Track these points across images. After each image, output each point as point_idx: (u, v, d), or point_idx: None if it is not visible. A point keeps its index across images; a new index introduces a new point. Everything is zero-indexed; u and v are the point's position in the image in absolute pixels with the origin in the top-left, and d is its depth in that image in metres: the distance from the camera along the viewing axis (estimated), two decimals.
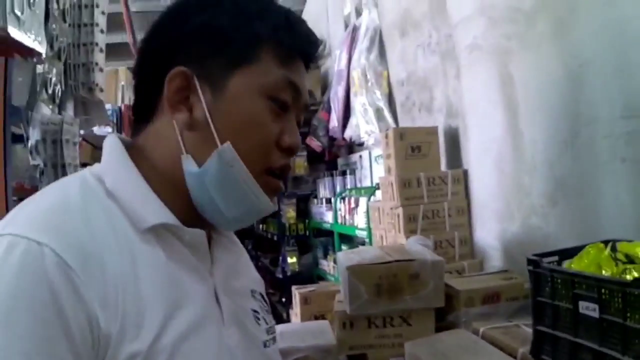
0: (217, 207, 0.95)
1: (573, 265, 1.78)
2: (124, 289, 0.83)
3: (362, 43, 4.64)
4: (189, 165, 0.94)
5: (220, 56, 0.96)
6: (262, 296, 1.16)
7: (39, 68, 2.75)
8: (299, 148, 1.03)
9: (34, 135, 2.52)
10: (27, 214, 0.86)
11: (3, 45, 1.99)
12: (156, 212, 0.93)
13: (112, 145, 0.99)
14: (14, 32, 1.96)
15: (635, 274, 1.60)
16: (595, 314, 1.58)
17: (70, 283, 0.78)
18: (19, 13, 1.99)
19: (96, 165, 0.98)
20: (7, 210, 2.14)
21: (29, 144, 2.52)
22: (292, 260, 6.24)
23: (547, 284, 1.78)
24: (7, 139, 2.23)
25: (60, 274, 0.78)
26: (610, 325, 1.52)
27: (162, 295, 0.88)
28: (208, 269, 1.00)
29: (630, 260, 1.70)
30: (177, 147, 0.96)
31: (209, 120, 0.94)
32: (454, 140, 3.40)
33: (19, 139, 2.53)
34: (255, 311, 1.09)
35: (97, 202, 0.90)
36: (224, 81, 0.95)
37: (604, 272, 1.69)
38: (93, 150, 3.97)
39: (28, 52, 2.21)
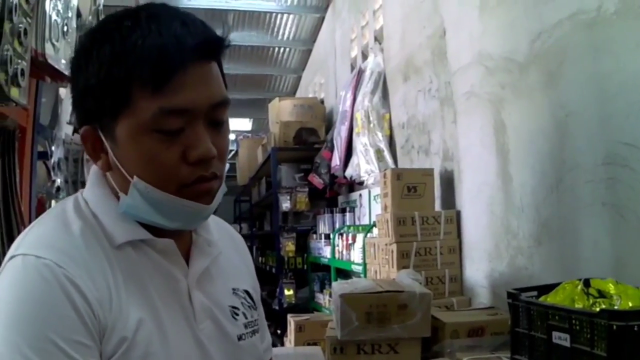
0: (159, 223, 1.08)
1: (549, 299, 1.91)
2: (111, 292, 1.00)
3: (367, 86, 4.80)
4: (122, 201, 1.08)
5: (103, 110, 1.02)
6: (247, 292, 1.28)
7: (62, 91, 2.92)
8: (209, 154, 1.03)
9: (57, 153, 2.68)
10: (34, 236, 1.03)
11: (37, 68, 2.16)
12: (125, 231, 1.06)
13: (93, 174, 1.15)
14: (50, 57, 2.14)
15: (604, 307, 1.73)
16: (567, 344, 1.70)
17: (75, 286, 0.96)
18: (54, 41, 2.18)
19: (85, 189, 1.15)
20: (30, 218, 2.30)
21: (52, 161, 2.68)
22: (288, 292, 6.30)
23: (524, 316, 1.90)
24: (34, 155, 2.40)
25: (66, 279, 0.95)
26: (580, 353, 1.64)
27: (138, 297, 1.03)
28: (183, 271, 1.13)
29: (601, 295, 1.82)
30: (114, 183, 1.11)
31: (117, 163, 1.05)
32: (448, 182, 3.54)
33: (42, 155, 2.69)
34: (234, 307, 1.21)
35: (86, 222, 1.06)
36: (114, 131, 1.03)
37: (576, 305, 1.81)
38: None
39: (59, 77, 2.38)
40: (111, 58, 1.00)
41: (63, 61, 2.32)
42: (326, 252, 5.65)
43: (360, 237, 4.55)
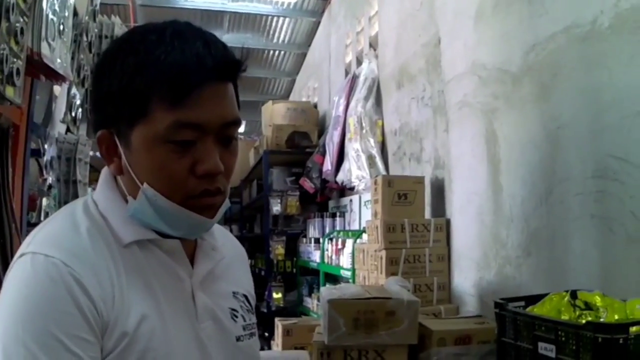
0: (163, 230, 1.13)
1: (536, 310, 1.92)
2: (114, 290, 1.04)
3: (360, 92, 4.81)
4: (130, 205, 1.12)
5: (121, 117, 1.07)
6: (246, 297, 1.32)
7: (56, 89, 2.92)
8: (215, 169, 1.08)
9: (50, 152, 2.68)
10: (43, 235, 1.07)
11: (32, 67, 2.16)
12: (132, 231, 1.11)
13: (104, 177, 1.19)
14: (46, 57, 2.15)
15: (590, 319, 1.74)
16: (552, 354, 1.72)
17: (80, 284, 1.00)
18: (50, 40, 2.18)
19: (96, 191, 1.20)
20: (22, 215, 2.31)
21: (44, 159, 2.68)
22: (277, 295, 6.30)
23: (511, 326, 1.92)
24: (27, 153, 2.40)
25: (71, 278, 0.99)
26: None
27: (142, 294, 1.08)
28: (188, 272, 1.18)
29: (588, 307, 1.84)
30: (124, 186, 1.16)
31: (129, 168, 1.10)
32: (439, 190, 3.55)
33: (35, 152, 2.69)
34: (233, 309, 1.25)
35: (94, 222, 1.11)
36: (129, 137, 1.08)
37: (563, 317, 1.83)
38: (92, 171, 4.11)
39: (54, 76, 2.39)
40: (134, 69, 1.05)
41: (58, 60, 2.32)
42: (316, 256, 5.66)
43: (349, 242, 4.56)
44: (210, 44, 1.07)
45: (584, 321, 1.72)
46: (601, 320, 1.76)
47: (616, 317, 1.76)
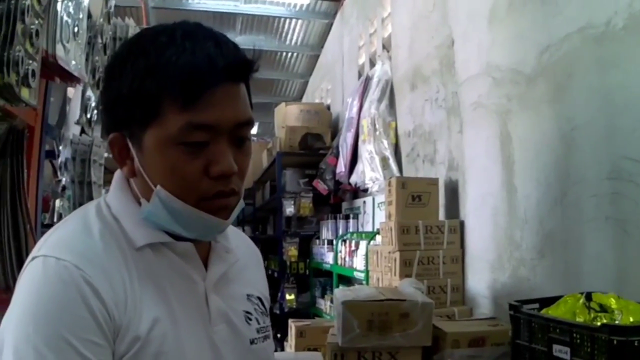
0: (177, 232, 1.12)
1: (550, 312, 1.92)
2: (126, 293, 1.04)
3: (374, 93, 4.81)
4: (143, 207, 1.12)
5: (133, 119, 1.07)
6: (260, 300, 1.31)
7: (70, 91, 2.94)
8: (230, 170, 1.07)
9: (64, 153, 2.70)
10: (55, 239, 1.07)
11: (47, 69, 2.17)
12: (145, 234, 1.10)
13: (117, 179, 1.19)
14: (61, 59, 2.16)
15: (605, 321, 1.73)
16: (567, 357, 1.71)
17: (92, 288, 1.00)
18: (65, 42, 2.20)
19: (108, 194, 1.19)
20: (37, 216, 2.32)
21: (59, 161, 2.70)
22: (290, 297, 6.32)
23: (525, 328, 1.91)
24: (42, 154, 2.42)
25: (84, 282, 0.99)
26: None
27: (155, 297, 1.07)
28: (201, 275, 1.17)
29: (603, 309, 1.83)
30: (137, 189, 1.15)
31: (142, 171, 1.09)
32: (453, 192, 3.54)
33: (49, 154, 2.71)
34: (247, 312, 1.24)
35: (107, 225, 1.11)
36: (141, 140, 1.07)
37: (577, 319, 1.82)
38: (106, 173, 4.14)
39: (68, 78, 2.40)
40: (145, 71, 1.04)
41: (73, 62, 2.33)
42: (329, 258, 5.67)
43: (363, 244, 4.56)
44: (221, 44, 1.07)
45: (599, 323, 1.71)
46: (616, 322, 1.75)
47: (631, 319, 1.75)
